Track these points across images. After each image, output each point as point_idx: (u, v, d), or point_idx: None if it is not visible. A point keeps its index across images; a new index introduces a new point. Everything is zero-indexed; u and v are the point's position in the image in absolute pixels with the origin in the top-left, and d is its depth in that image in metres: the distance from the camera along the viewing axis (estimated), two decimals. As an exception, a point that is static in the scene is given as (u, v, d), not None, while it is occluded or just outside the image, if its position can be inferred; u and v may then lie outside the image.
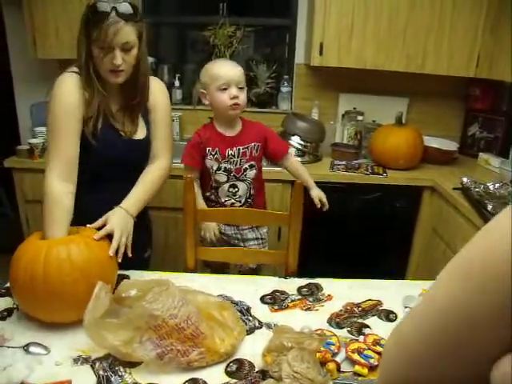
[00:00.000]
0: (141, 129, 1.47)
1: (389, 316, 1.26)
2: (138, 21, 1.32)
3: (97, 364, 1.02)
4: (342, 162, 2.57)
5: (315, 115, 2.80)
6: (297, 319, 1.21)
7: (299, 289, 1.39)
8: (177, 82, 2.87)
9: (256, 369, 1.03)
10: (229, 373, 1.02)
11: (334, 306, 1.30)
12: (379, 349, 1.07)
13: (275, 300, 1.33)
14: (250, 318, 1.23)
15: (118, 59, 1.29)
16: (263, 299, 1.33)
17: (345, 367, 1.04)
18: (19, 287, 1.13)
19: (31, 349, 1.05)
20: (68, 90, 1.32)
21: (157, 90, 1.50)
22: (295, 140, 2.53)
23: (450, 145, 2.70)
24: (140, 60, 1.38)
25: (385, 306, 1.31)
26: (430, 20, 2.37)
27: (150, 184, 1.47)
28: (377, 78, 2.69)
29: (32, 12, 2.36)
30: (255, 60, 2.88)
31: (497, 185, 2.07)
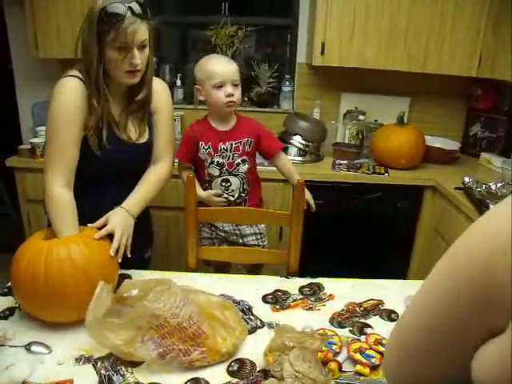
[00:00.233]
0: (143, 132, 1.46)
1: (390, 316, 1.26)
2: (150, 18, 1.31)
3: (99, 363, 1.02)
4: (344, 162, 2.57)
5: (317, 115, 2.80)
6: (298, 319, 1.21)
7: (301, 288, 1.39)
8: (178, 82, 2.88)
9: (258, 368, 1.03)
10: (230, 372, 1.02)
11: (336, 306, 1.30)
12: (381, 348, 1.07)
13: (277, 299, 1.33)
14: (252, 318, 1.23)
15: (138, 58, 1.28)
16: (265, 299, 1.33)
17: (346, 367, 1.04)
18: (20, 287, 1.13)
19: (33, 348, 1.05)
20: (69, 95, 1.30)
21: (159, 92, 1.49)
22: (297, 139, 2.53)
23: (452, 144, 2.69)
24: (149, 58, 1.37)
25: (386, 306, 1.31)
26: (432, 19, 2.37)
27: (152, 185, 1.47)
28: (378, 78, 2.69)
29: (33, 11, 2.37)
30: (257, 60, 2.88)
31: (499, 184, 2.07)
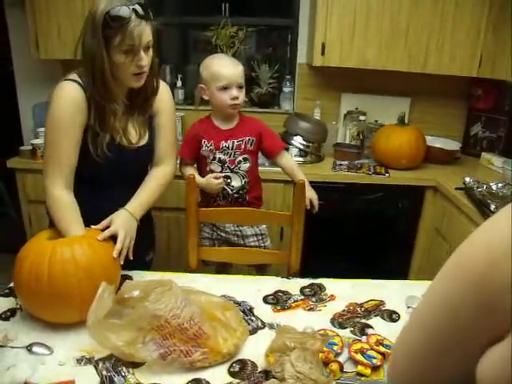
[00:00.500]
0: (143, 134, 1.45)
1: (392, 316, 1.26)
2: (152, 19, 1.30)
3: (100, 364, 1.02)
4: (345, 162, 2.57)
5: (317, 115, 2.80)
6: (299, 319, 1.21)
7: (302, 289, 1.39)
8: (179, 83, 2.88)
9: (259, 369, 1.03)
10: (232, 373, 1.02)
11: (337, 306, 1.30)
12: (382, 349, 1.07)
13: (278, 300, 1.33)
14: (253, 319, 1.23)
15: (145, 60, 1.28)
16: (266, 299, 1.33)
17: (348, 367, 1.04)
18: (23, 287, 1.13)
19: (34, 349, 1.05)
20: (67, 99, 1.29)
21: (161, 94, 1.47)
22: (297, 140, 2.52)
23: (453, 144, 2.69)
24: (153, 59, 1.36)
25: (388, 306, 1.31)
26: (433, 20, 2.37)
27: (155, 188, 1.47)
28: (379, 78, 2.69)
29: (34, 12, 2.37)
30: (257, 60, 2.88)
31: (499, 184, 2.07)
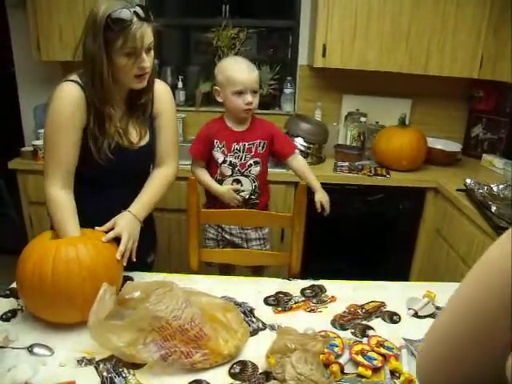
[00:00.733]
0: (144, 134, 1.45)
1: (392, 317, 1.26)
2: (153, 21, 1.31)
3: (101, 365, 1.02)
4: (346, 164, 2.57)
5: (318, 117, 2.80)
6: (300, 321, 1.21)
7: (303, 290, 1.39)
8: (180, 84, 2.87)
9: (259, 370, 1.03)
10: (232, 374, 1.02)
11: (338, 308, 1.30)
12: (383, 350, 1.07)
13: (279, 301, 1.33)
14: (254, 320, 1.23)
15: (147, 61, 1.29)
16: (267, 301, 1.33)
17: (348, 369, 1.04)
18: (26, 286, 1.13)
19: (35, 350, 1.05)
20: (67, 100, 1.29)
21: (162, 95, 1.47)
22: (298, 141, 2.52)
23: (454, 146, 2.69)
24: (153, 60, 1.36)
25: (388, 308, 1.31)
26: (434, 21, 2.37)
27: (157, 189, 1.47)
28: (380, 80, 2.69)
29: (36, 14, 2.38)
30: (258, 61, 2.87)
31: (501, 186, 2.07)
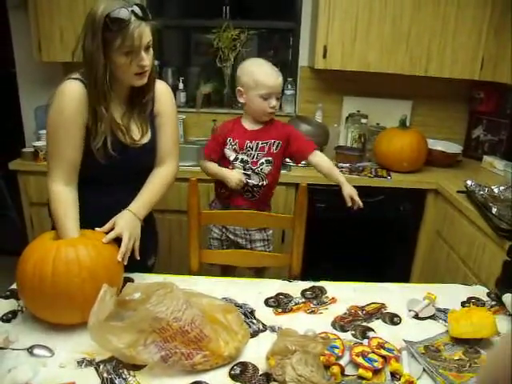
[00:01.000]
0: (146, 131, 1.45)
1: (393, 319, 1.26)
2: (151, 20, 1.31)
3: (101, 366, 1.02)
4: (346, 165, 2.57)
5: (319, 118, 2.81)
6: (301, 322, 1.21)
7: (303, 292, 1.39)
8: (181, 85, 2.88)
9: (260, 372, 1.03)
10: (233, 376, 1.02)
11: (338, 309, 1.30)
12: (383, 352, 1.07)
13: (279, 303, 1.32)
14: (254, 321, 1.23)
15: (146, 60, 1.30)
16: (267, 302, 1.33)
17: (349, 370, 1.04)
18: (27, 286, 1.13)
19: (35, 351, 1.05)
20: (70, 96, 1.30)
21: (163, 94, 1.48)
22: (299, 143, 2.52)
23: (454, 147, 2.69)
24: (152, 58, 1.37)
25: (389, 310, 1.31)
26: (434, 23, 2.38)
27: (157, 188, 1.47)
28: (381, 81, 2.69)
29: (37, 15, 2.39)
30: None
31: (501, 188, 2.06)
